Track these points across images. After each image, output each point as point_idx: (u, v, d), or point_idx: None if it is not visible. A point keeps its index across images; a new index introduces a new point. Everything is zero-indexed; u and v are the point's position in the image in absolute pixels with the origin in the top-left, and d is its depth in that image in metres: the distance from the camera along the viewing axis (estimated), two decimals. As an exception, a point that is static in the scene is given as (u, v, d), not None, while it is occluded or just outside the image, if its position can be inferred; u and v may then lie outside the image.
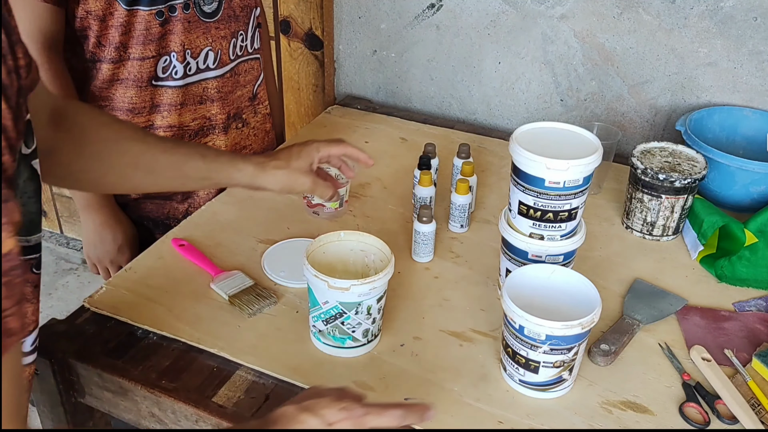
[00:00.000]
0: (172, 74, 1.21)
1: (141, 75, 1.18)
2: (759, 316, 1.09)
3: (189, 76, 1.23)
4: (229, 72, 1.29)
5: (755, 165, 1.25)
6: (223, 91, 1.29)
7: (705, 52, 1.47)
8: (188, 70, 1.22)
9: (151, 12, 1.14)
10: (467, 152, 1.34)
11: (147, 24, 1.14)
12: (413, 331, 1.04)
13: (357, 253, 1.04)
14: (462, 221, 1.26)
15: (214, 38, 1.23)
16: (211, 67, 1.25)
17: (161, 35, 1.17)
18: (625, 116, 1.60)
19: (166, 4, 1.15)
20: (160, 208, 1.34)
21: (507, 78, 1.67)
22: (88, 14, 1.12)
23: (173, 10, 1.16)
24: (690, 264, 1.21)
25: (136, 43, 1.15)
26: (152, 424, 0.98)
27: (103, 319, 1.05)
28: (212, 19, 1.22)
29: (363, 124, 1.67)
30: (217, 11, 1.22)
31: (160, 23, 1.15)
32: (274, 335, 1.03)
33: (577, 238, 1.04)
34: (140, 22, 1.14)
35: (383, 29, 1.75)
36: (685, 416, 0.92)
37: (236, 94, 1.32)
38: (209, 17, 1.21)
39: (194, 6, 1.19)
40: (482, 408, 0.92)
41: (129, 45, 1.15)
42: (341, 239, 1.04)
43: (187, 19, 1.18)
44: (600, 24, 1.53)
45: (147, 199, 1.32)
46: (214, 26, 1.22)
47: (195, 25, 1.20)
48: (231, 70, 1.29)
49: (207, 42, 1.22)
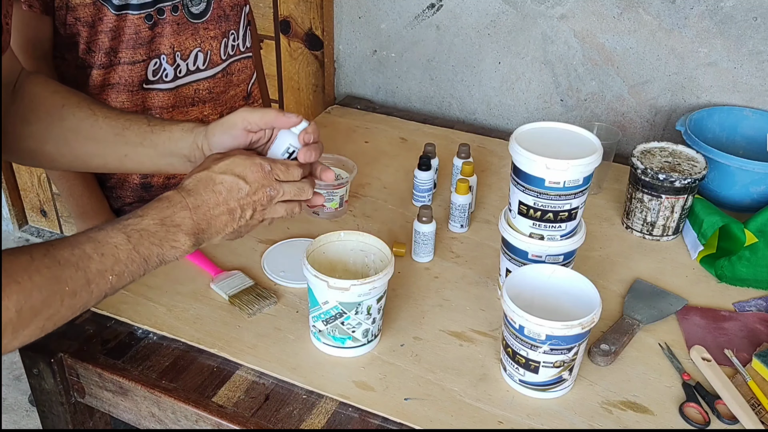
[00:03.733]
0: (162, 77, 1.20)
1: (132, 79, 1.18)
2: (759, 316, 1.09)
3: (179, 78, 1.22)
4: (221, 72, 1.28)
5: (755, 165, 1.25)
6: (215, 91, 1.28)
7: (705, 52, 1.47)
8: (178, 73, 1.21)
9: (140, 16, 1.13)
10: (467, 152, 1.34)
11: (136, 28, 1.14)
12: (413, 331, 1.04)
13: (357, 253, 1.04)
14: (462, 221, 1.26)
15: (204, 39, 1.22)
16: (201, 68, 1.24)
17: (151, 38, 1.16)
18: (625, 116, 1.60)
19: (154, 7, 1.14)
20: None
21: (507, 78, 1.67)
22: (77, 21, 1.11)
23: (162, 12, 1.15)
24: (690, 264, 1.21)
25: (126, 47, 1.15)
26: (152, 424, 0.98)
27: (103, 319, 1.05)
28: (201, 20, 1.21)
29: (363, 124, 1.67)
30: (206, 12, 1.22)
31: (149, 26, 1.15)
32: (274, 335, 1.03)
33: (577, 238, 1.04)
34: (129, 26, 1.13)
35: (383, 29, 1.75)
36: (685, 416, 0.92)
37: (229, 93, 1.31)
38: (197, 18, 1.21)
39: (183, 8, 1.18)
40: (482, 408, 0.92)
41: (119, 49, 1.15)
42: (341, 239, 1.03)
43: (176, 21, 1.18)
44: (600, 24, 1.53)
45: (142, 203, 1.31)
46: (202, 27, 1.22)
47: (184, 26, 1.19)
48: (223, 71, 1.28)
49: (196, 43, 1.22)
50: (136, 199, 1.30)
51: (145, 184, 1.28)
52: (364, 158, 1.47)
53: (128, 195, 1.29)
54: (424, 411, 0.91)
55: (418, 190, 1.32)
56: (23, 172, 2.58)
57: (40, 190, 2.60)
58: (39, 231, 2.72)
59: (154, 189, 1.29)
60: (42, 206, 2.64)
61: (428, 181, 1.31)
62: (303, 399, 0.93)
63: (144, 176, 1.27)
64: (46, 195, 2.60)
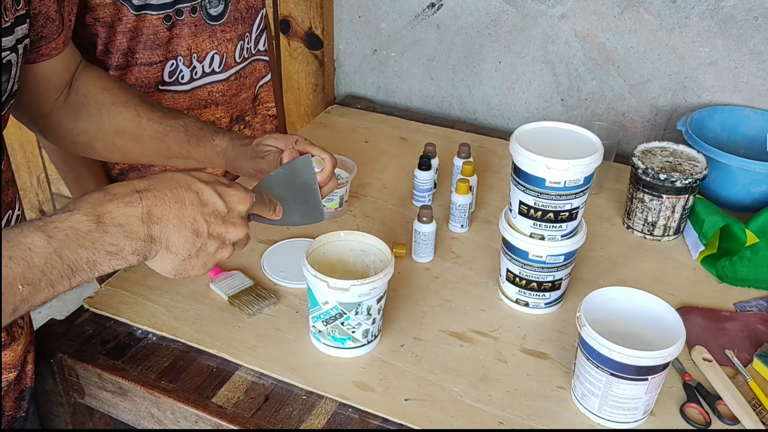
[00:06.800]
0: (178, 78, 1.20)
1: (148, 80, 1.18)
2: (760, 316, 1.09)
3: (195, 81, 1.22)
4: (234, 75, 1.28)
5: (756, 165, 1.25)
6: (228, 94, 1.28)
7: (706, 51, 1.47)
8: (194, 75, 1.21)
9: (159, 16, 1.13)
10: (467, 152, 1.34)
11: (155, 29, 1.13)
12: (413, 331, 1.04)
13: (357, 253, 1.03)
14: (462, 221, 1.26)
15: (220, 41, 1.22)
16: (217, 71, 1.24)
17: (168, 39, 1.16)
18: (626, 116, 1.60)
19: (173, 7, 1.14)
20: None
21: (507, 77, 1.67)
22: (96, 21, 1.11)
23: (180, 13, 1.15)
24: (691, 264, 1.21)
25: (143, 48, 1.14)
26: (151, 425, 0.98)
27: (102, 319, 1.05)
28: (218, 22, 1.21)
29: (363, 123, 1.66)
30: (223, 14, 1.21)
31: (167, 27, 1.14)
32: (273, 335, 1.02)
33: (578, 238, 1.03)
34: (148, 26, 1.13)
35: (383, 28, 1.75)
36: (686, 417, 0.91)
37: (241, 96, 1.32)
38: (215, 20, 1.20)
39: (201, 9, 1.18)
40: (482, 408, 0.92)
41: (136, 50, 1.15)
42: (341, 239, 1.03)
43: (194, 23, 1.18)
44: (601, 23, 1.52)
45: None
46: (219, 29, 1.22)
47: (201, 28, 1.19)
48: (236, 73, 1.28)
49: (213, 45, 1.22)
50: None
51: None
52: (364, 158, 1.47)
53: None
54: (425, 411, 0.91)
55: (418, 190, 1.32)
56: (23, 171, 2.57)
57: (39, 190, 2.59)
58: (39, 231, 2.71)
59: None
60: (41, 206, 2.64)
61: (428, 181, 1.31)
62: (303, 399, 0.93)
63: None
64: (45, 195, 2.59)
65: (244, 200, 0.74)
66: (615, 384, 0.86)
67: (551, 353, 1.01)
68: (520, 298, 1.08)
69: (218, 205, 0.70)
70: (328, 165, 0.91)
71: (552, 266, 1.04)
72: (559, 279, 1.06)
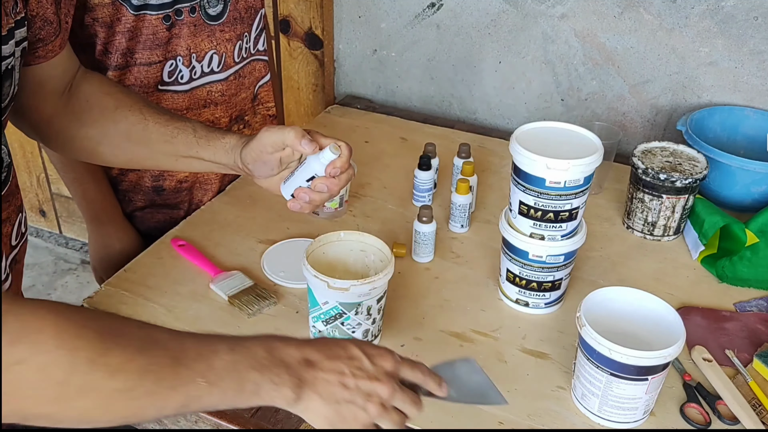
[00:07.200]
0: (178, 78, 1.20)
1: (147, 81, 1.17)
2: (760, 316, 1.09)
3: (194, 80, 1.22)
4: (233, 75, 1.28)
5: (756, 165, 1.25)
6: (227, 94, 1.28)
7: (706, 51, 1.47)
8: (194, 74, 1.21)
9: (158, 16, 1.13)
10: (467, 152, 1.34)
11: (154, 29, 1.13)
12: (413, 331, 1.04)
13: (357, 253, 1.03)
14: (462, 221, 1.26)
15: (219, 41, 1.22)
16: (216, 71, 1.24)
17: (167, 39, 1.16)
18: (626, 116, 1.60)
19: (173, 8, 1.14)
20: (168, 218, 1.33)
21: (507, 77, 1.67)
22: (94, 21, 1.11)
23: (179, 13, 1.15)
24: (691, 264, 1.21)
25: (143, 48, 1.14)
26: (151, 425, 0.98)
27: (102, 319, 1.05)
28: (217, 22, 1.21)
29: (363, 123, 1.66)
30: (222, 14, 1.21)
31: (166, 27, 1.14)
32: (273, 335, 1.02)
33: (578, 238, 1.03)
34: (147, 26, 1.13)
35: (383, 28, 1.75)
36: (686, 417, 0.91)
37: (240, 96, 1.32)
38: (214, 20, 1.20)
39: (200, 9, 1.18)
40: (482, 408, 0.92)
41: (135, 50, 1.14)
42: (341, 239, 1.03)
43: (193, 23, 1.17)
44: (601, 23, 1.52)
45: (153, 208, 1.31)
46: (219, 29, 1.22)
47: (200, 28, 1.19)
48: (235, 73, 1.28)
49: (212, 45, 1.22)
50: (147, 203, 1.30)
51: (157, 188, 1.28)
52: (364, 158, 1.47)
53: (140, 198, 1.29)
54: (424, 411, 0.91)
55: (418, 190, 1.32)
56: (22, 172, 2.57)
57: (39, 190, 2.59)
58: (38, 231, 2.72)
59: (165, 192, 1.29)
60: (41, 206, 2.64)
61: (428, 181, 1.31)
62: (303, 399, 0.93)
63: (156, 179, 1.27)
64: (45, 195, 2.59)
65: (386, 357, 0.74)
66: (615, 384, 0.86)
67: (551, 353, 1.01)
68: (520, 298, 1.08)
69: (364, 362, 0.72)
70: (345, 151, 0.90)
71: (552, 266, 1.04)
72: (559, 279, 1.06)
